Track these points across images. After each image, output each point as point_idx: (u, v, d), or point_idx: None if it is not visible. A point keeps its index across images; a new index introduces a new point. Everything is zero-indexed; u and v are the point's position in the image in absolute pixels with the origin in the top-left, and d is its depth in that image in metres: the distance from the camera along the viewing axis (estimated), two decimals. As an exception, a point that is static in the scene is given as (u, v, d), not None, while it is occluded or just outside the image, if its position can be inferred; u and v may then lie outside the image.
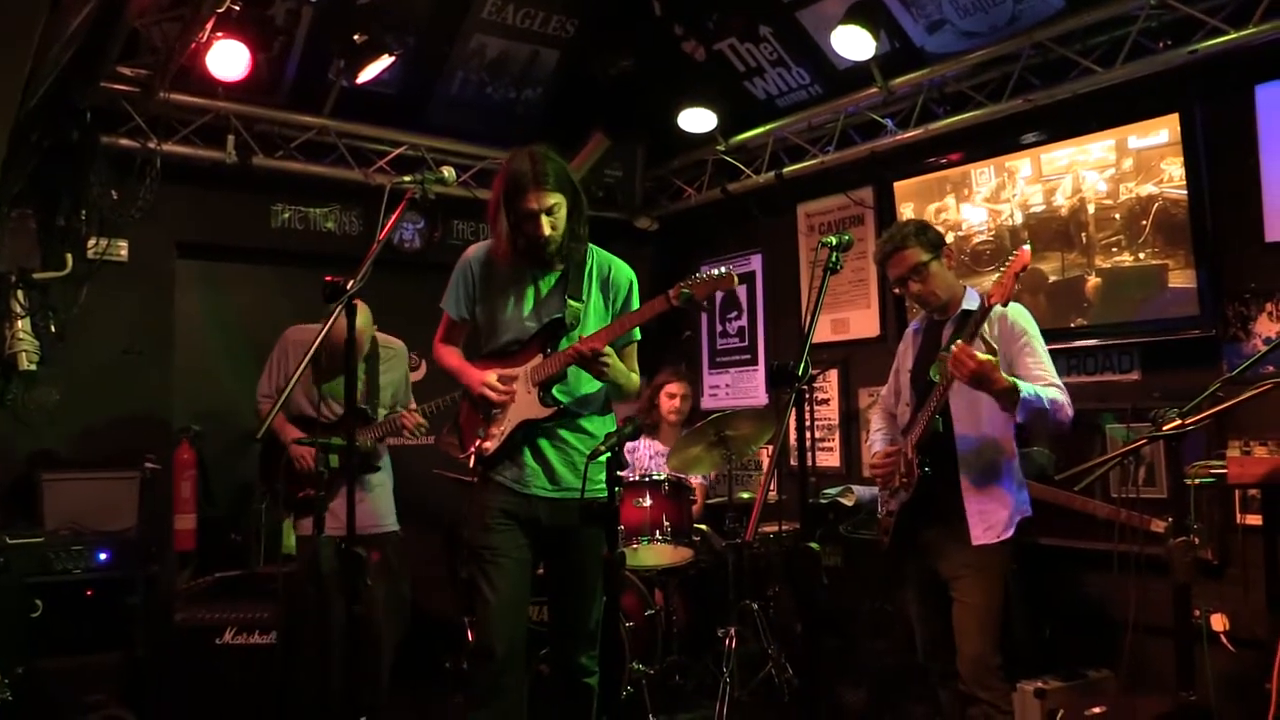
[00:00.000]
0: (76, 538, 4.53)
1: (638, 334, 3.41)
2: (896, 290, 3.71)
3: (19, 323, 4.92)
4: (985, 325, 3.45)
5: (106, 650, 4.44)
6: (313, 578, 3.73)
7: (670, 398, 5.78)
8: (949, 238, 4.16)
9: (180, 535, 5.11)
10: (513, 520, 3.33)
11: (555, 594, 3.52)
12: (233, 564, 5.17)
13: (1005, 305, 3.27)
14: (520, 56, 6.05)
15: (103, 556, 4.49)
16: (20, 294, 4.93)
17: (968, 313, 3.52)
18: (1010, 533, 3.42)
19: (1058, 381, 3.39)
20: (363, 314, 4.21)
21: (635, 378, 3.43)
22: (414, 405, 4.55)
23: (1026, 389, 3.22)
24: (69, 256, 5.14)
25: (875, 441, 3.88)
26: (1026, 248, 3.32)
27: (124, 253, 5.35)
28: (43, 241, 5.09)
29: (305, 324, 4.58)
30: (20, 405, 5.01)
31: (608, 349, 3.21)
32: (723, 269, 3.17)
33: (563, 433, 3.36)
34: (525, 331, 3.39)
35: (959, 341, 3.22)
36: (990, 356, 3.17)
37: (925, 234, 3.59)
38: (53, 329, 5.08)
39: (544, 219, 3.24)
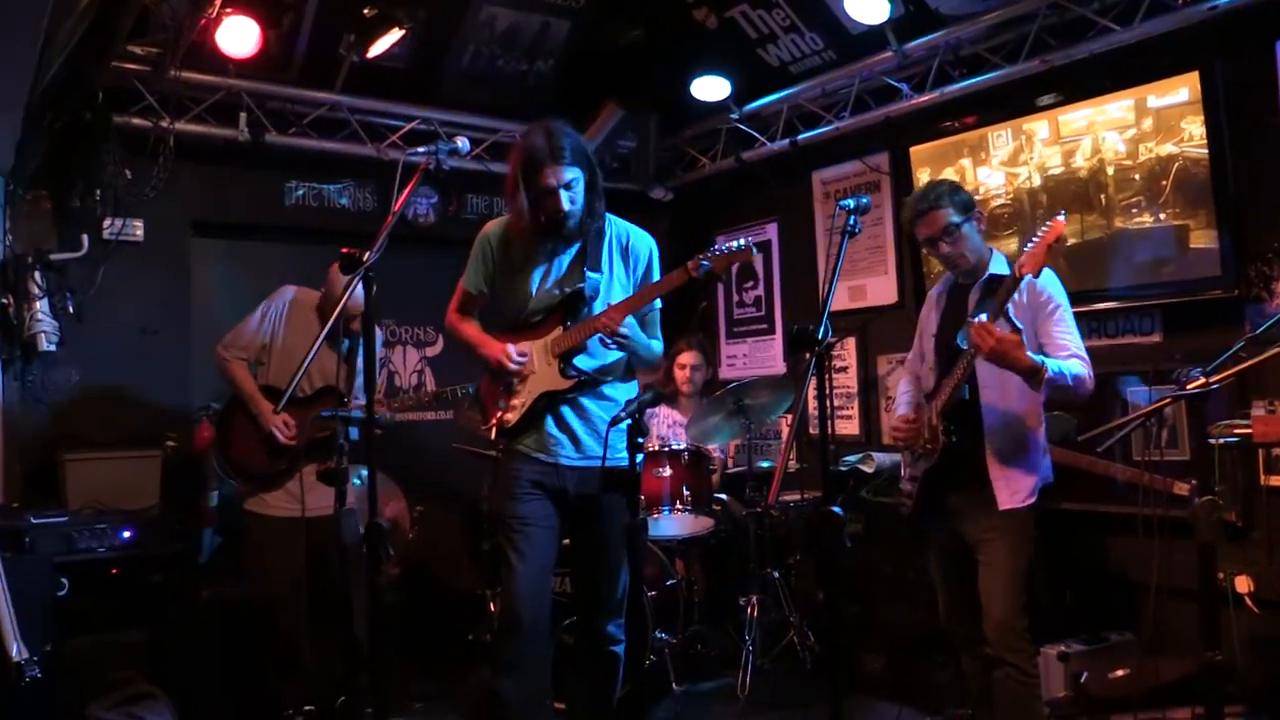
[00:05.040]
0: (100, 517, 4.55)
1: (659, 302, 3.42)
2: (925, 250, 3.66)
3: (37, 304, 4.93)
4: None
5: (133, 628, 4.47)
6: (334, 549, 3.71)
7: (681, 369, 5.77)
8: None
9: (203, 513, 5.13)
10: (541, 490, 3.35)
11: (582, 564, 3.54)
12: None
13: (1036, 276, 3.19)
14: (531, 28, 6.00)
15: (126, 535, 4.51)
16: (37, 275, 4.94)
17: (995, 277, 3.46)
18: (1035, 498, 3.39)
19: (1082, 354, 3.33)
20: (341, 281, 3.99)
21: (658, 345, 3.44)
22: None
23: (1052, 366, 3.18)
24: (85, 237, 5.15)
25: (900, 405, 3.84)
26: (1061, 218, 3.20)
27: (139, 233, 5.35)
28: (58, 223, 5.11)
29: (308, 288, 4.43)
30: (40, 386, 5.05)
31: (628, 320, 3.21)
32: (741, 241, 3.17)
33: (585, 401, 3.37)
34: (546, 304, 3.40)
35: (982, 317, 3.17)
36: (1013, 335, 3.12)
37: (957, 195, 3.52)
38: (70, 310, 5.09)
39: (562, 194, 3.24)
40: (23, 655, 3.50)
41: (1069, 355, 3.30)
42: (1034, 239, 3.15)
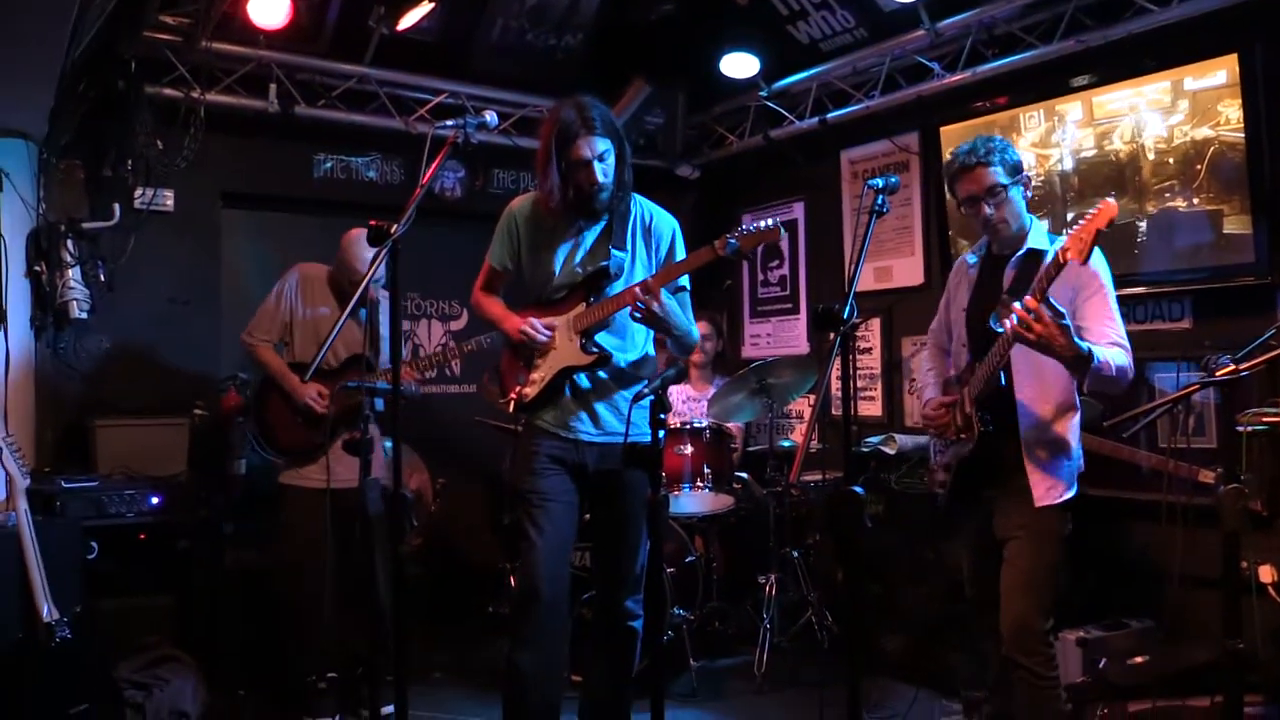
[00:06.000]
0: (129, 482, 4.63)
1: (686, 282, 3.42)
2: (963, 211, 3.39)
3: (69, 272, 4.99)
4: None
5: (159, 592, 4.55)
6: (359, 520, 3.75)
7: None
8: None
9: (229, 481, 5.19)
10: (561, 466, 3.37)
11: (602, 539, 3.56)
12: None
13: (1083, 263, 2.88)
14: (561, 2, 5.97)
15: (154, 501, 4.58)
16: (69, 243, 5.00)
17: (1034, 252, 3.24)
18: (1072, 492, 3.23)
19: (1125, 342, 3.10)
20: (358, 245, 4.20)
21: (694, 329, 3.44)
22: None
23: (1098, 355, 2.93)
24: (116, 206, 5.19)
25: (928, 386, 3.65)
26: (1111, 200, 2.89)
27: (170, 203, 5.40)
28: (90, 191, 5.16)
29: (311, 262, 4.52)
30: (72, 353, 5.12)
31: (668, 300, 3.23)
32: (770, 221, 3.15)
33: (605, 378, 3.38)
34: (570, 280, 3.40)
35: (1028, 299, 2.89)
36: (1060, 320, 2.88)
37: (1008, 154, 3.25)
38: (102, 278, 5.16)
39: (596, 166, 3.25)
40: (53, 616, 3.57)
41: (1110, 344, 3.06)
42: (1080, 221, 2.88)
